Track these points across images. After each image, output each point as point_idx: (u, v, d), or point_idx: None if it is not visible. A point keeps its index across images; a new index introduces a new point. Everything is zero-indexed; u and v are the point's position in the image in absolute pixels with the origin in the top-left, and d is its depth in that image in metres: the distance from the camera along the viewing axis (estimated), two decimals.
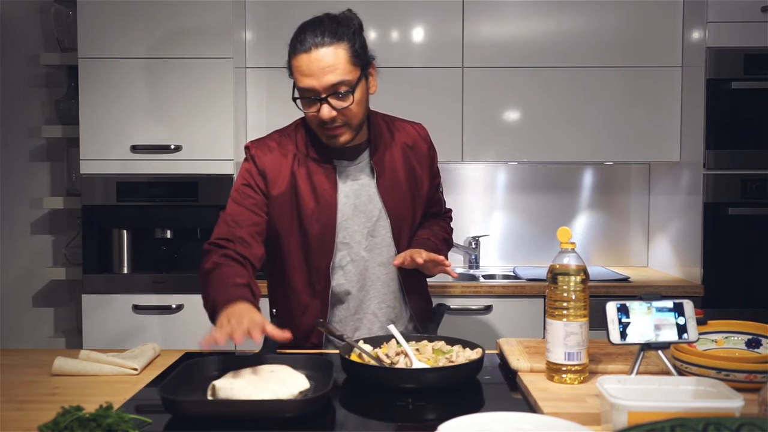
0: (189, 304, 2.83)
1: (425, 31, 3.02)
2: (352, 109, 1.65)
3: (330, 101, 1.63)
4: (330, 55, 1.60)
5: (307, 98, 1.65)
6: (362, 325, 1.82)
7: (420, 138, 1.87)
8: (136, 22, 2.83)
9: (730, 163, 2.81)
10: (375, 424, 1.28)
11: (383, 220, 1.79)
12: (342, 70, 1.61)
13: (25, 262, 3.29)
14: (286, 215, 1.74)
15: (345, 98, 1.63)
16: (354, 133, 1.71)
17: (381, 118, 1.85)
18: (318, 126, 1.69)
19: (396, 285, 1.84)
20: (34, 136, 3.23)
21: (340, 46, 1.61)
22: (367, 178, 1.79)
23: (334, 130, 1.67)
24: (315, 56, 1.60)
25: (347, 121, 1.67)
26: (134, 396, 1.37)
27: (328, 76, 1.60)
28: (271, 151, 1.76)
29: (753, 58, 2.79)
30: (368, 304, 1.81)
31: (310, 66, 1.60)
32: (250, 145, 1.80)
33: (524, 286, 2.84)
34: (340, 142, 1.70)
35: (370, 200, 1.78)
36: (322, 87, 1.61)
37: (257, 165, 1.75)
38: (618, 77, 3.04)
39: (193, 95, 2.84)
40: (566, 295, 1.37)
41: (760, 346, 1.47)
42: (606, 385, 1.14)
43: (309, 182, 1.74)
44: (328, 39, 1.61)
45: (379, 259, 1.80)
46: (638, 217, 3.39)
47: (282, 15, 3.02)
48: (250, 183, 1.75)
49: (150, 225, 2.93)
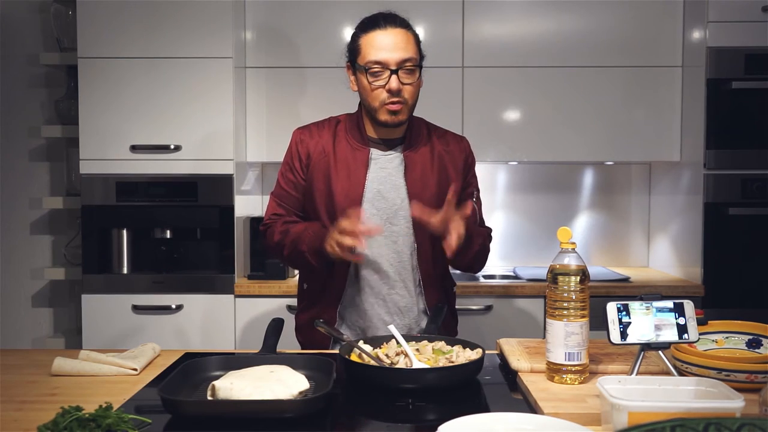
0: (189, 304, 2.83)
1: (425, 31, 3.02)
2: (413, 88, 1.83)
3: (399, 74, 1.78)
4: (402, 35, 1.81)
5: (377, 72, 1.79)
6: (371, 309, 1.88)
7: (458, 146, 1.98)
8: (136, 22, 2.83)
9: (730, 163, 2.81)
10: (375, 424, 1.28)
11: (404, 210, 1.87)
12: (412, 50, 1.81)
13: (24, 262, 3.29)
14: (320, 186, 1.88)
15: (412, 74, 1.81)
16: (408, 114, 1.86)
17: (423, 122, 2.00)
18: (380, 102, 1.81)
19: (410, 275, 1.89)
20: (34, 136, 3.23)
21: (410, 32, 1.84)
22: (395, 169, 1.89)
23: (397, 105, 1.80)
24: (390, 33, 1.80)
25: (407, 99, 1.82)
26: (134, 396, 1.37)
27: (401, 52, 1.79)
28: (312, 136, 1.93)
29: (753, 58, 2.79)
30: (378, 290, 1.88)
31: (386, 40, 1.79)
32: (295, 131, 1.97)
33: (524, 286, 2.84)
34: (399, 119, 1.83)
35: (395, 188, 1.87)
36: (394, 60, 1.78)
37: (299, 148, 1.92)
38: (618, 77, 3.04)
39: (193, 95, 2.84)
40: (566, 295, 1.37)
41: (761, 347, 1.47)
42: (606, 385, 1.14)
43: (344, 159, 1.88)
44: (401, 24, 1.83)
45: (395, 247, 1.87)
46: (638, 217, 3.39)
47: (282, 15, 3.02)
48: (293, 166, 1.93)
49: (150, 225, 2.92)
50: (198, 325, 2.83)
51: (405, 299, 1.89)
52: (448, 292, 2.00)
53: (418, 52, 1.84)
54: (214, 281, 2.85)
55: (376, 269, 1.88)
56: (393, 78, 1.78)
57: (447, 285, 2.00)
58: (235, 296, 2.84)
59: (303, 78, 3.03)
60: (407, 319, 1.90)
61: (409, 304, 1.90)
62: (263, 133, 3.05)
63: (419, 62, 1.83)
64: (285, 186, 1.94)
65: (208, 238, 2.98)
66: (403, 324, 1.89)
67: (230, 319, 2.83)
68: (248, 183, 3.11)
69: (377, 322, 1.88)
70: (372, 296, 1.88)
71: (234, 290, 2.83)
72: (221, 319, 2.83)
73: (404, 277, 1.89)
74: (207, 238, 2.98)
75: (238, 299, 2.84)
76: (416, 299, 1.91)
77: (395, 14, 1.85)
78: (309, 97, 3.05)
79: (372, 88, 1.81)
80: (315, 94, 3.04)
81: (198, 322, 2.83)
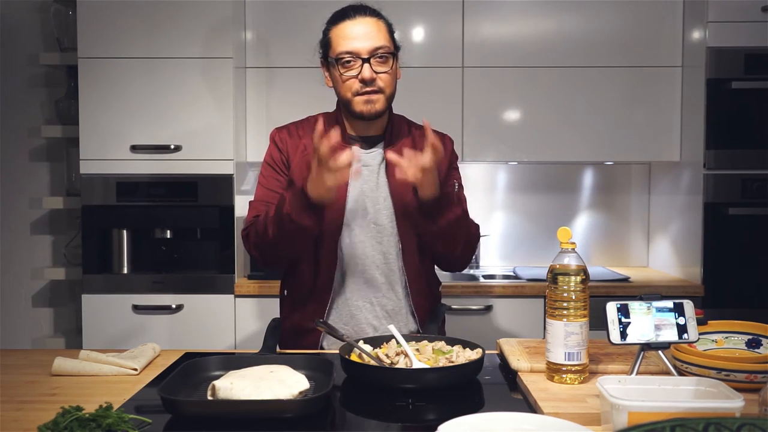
0: (189, 304, 2.83)
1: (425, 31, 3.02)
2: (389, 76, 1.76)
3: (371, 63, 1.74)
4: (373, 24, 1.76)
5: (348, 62, 1.75)
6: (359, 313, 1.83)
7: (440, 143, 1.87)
8: (136, 22, 2.83)
9: (730, 163, 2.81)
10: (375, 424, 1.28)
11: (387, 209, 1.83)
12: (384, 38, 1.76)
13: (24, 262, 3.29)
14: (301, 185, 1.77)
15: (385, 62, 1.75)
16: (385, 104, 1.79)
17: (404, 119, 1.94)
18: (353, 93, 1.76)
19: (396, 277, 1.84)
20: (34, 136, 3.23)
21: (381, 21, 1.79)
22: (377, 166, 1.85)
23: (372, 94, 1.75)
24: (359, 22, 1.76)
25: (383, 88, 1.76)
26: (134, 396, 1.37)
27: (372, 40, 1.74)
28: (291, 136, 1.88)
29: (753, 58, 2.79)
30: (365, 293, 1.83)
31: (354, 30, 1.75)
32: (273, 131, 1.92)
33: (524, 286, 2.84)
34: (376, 110, 1.77)
35: (378, 187, 1.84)
36: (366, 49, 1.73)
37: (279, 148, 1.88)
38: (618, 77, 3.04)
39: (193, 95, 2.84)
40: (566, 295, 1.37)
41: (761, 346, 1.47)
42: (606, 385, 1.14)
43: None
44: (371, 14, 1.78)
45: (380, 248, 1.83)
46: (638, 217, 3.39)
47: (282, 15, 3.02)
48: (274, 166, 1.88)
49: (150, 225, 2.92)
50: (198, 325, 2.83)
51: (392, 302, 1.85)
52: (434, 293, 1.96)
53: (391, 40, 1.79)
54: (214, 281, 2.85)
55: (362, 272, 1.83)
56: (365, 66, 1.73)
57: (433, 285, 1.96)
58: (235, 296, 2.84)
59: (303, 78, 3.03)
60: (396, 322, 1.83)
61: (397, 307, 1.85)
62: (263, 133, 3.05)
63: (394, 51, 1.79)
64: (268, 186, 1.87)
65: (208, 238, 2.98)
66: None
67: (230, 319, 2.83)
68: (248, 183, 3.12)
69: (366, 326, 1.83)
70: (359, 300, 1.83)
71: (234, 290, 2.83)
72: (221, 319, 2.83)
73: (391, 280, 1.84)
74: (207, 238, 2.98)
75: (238, 299, 2.84)
76: (404, 302, 1.86)
77: (365, 5, 1.80)
78: (309, 97, 3.04)
79: (344, 79, 1.76)
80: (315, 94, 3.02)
81: (198, 322, 2.83)
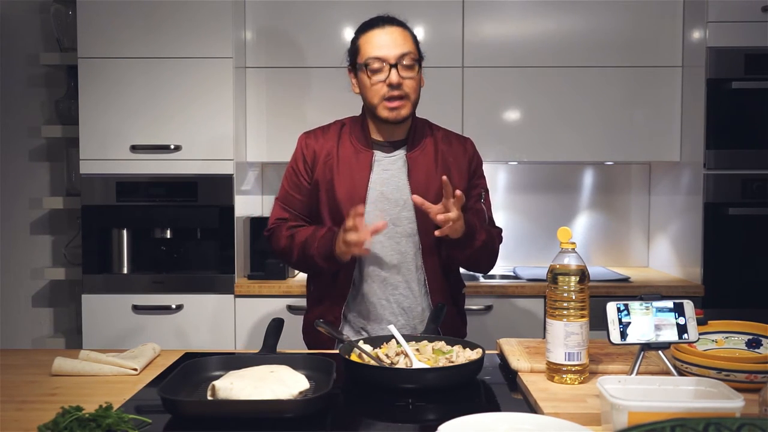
0: (189, 304, 2.83)
1: (425, 31, 3.02)
2: (414, 82, 1.85)
3: (398, 69, 1.81)
4: (400, 33, 1.86)
5: (376, 68, 1.82)
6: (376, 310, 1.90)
7: (462, 147, 1.98)
8: (136, 22, 2.83)
9: (730, 163, 2.81)
10: (375, 424, 1.28)
11: (407, 212, 1.88)
12: (410, 46, 1.85)
13: (24, 262, 3.29)
14: (324, 188, 1.91)
15: (411, 69, 1.84)
16: (410, 110, 1.87)
17: (426, 123, 2.00)
18: (380, 98, 1.84)
19: (413, 276, 1.90)
20: (34, 136, 3.23)
21: (407, 31, 1.89)
22: (399, 170, 1.91)
23: (397, 100, 1.83)
24: (388, 31, 1.85)
25: (408, 94, 1.84)
26: (134, 396, 1.37)
27: (399, 47, 1.83)
28: (317, 139, 1.95)
29: (753, 58, 2.79)
30: (382, 290, 1.90)
31: (383, 38, 1.84)
32: (301, 136, 1.99)
33: (524, 286, 2.84)
34: (401, 115, 1.85)
35: (398, 189, 1.89)
36: (393, 55, 1.82)
37: (304, 152, 1.95)
38: (618, 77, 3.04)
39: (193, 95, 2.84)
40: (566, 295, 1.37)
41: (761, 346, 1.47)
42: (606, 385, 1.14)
43: (347, 161, 1.90)
44: (398, 24, 1.88)
45: (398, 248, 1.89)
46: (638, 217, 3.39)
47: (282, 15, 3.02)
48: (297, 170, 1.95)
49: (150, 225, 2.92)
50: (198, 325, 2.83)
51: (408, 299, 1.91)
52: (456, 294, 2.00)
53: (416, 49, 1.87)
54: (214, 281, 2.85)
55: (379, 270, 1.89)
56: (393, 72, 1.81)
57: (455, 285, 2.00)
58: (235, 296, 2.84)
59: (303, 78, 3.03)
60: (411, 318, 1.91)
61: (413, 304, 1.91)
62: (263, 134, 3.05)
63: (418, 60, 1.87)
64: (290, 189, 1.96)
65: (208, 238, 2.98)
66: (407, 323, 1.91)
67: (230, 319, 2.83)
68: (248, 183, 3.11)
69: (381, 321, 1.90)
70: (375, 296, 1.90)
71: (234, 290, 2.83)
72: (221, 319, 2.83)
73: (408, 278, 1.90)
74: (207, 238, 2.98)
75: (238, 299, 2.84)
76: (421, 299, 1.92)
77: (392, 16, 1.90)
78: (309, 97, 3.05)
79: (372, 83, 1.84)
80: (315, 94, 3.04)
81: (198, 322, 2.83)
